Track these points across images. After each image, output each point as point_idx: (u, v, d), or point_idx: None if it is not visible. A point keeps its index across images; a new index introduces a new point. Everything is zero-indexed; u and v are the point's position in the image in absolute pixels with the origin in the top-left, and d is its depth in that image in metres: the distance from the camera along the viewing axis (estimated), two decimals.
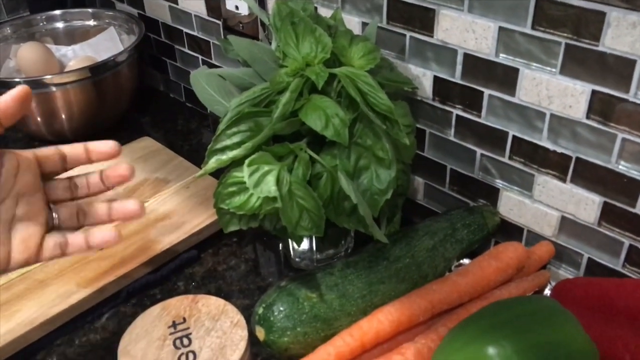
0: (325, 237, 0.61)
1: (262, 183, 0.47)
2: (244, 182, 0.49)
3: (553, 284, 0.56)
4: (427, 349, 0.48)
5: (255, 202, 0.50)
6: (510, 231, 0.61)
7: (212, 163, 0.51)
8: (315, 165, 0.52)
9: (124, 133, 0.88)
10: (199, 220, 0.69)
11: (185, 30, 0.88)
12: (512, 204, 0.60)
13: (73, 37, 0.96)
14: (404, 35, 0.60)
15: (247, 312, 0.53)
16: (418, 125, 0.64)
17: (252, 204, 0.50)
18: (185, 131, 0.91)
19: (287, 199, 0.49)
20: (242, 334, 0.48)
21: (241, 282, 0.65)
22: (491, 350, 0.42)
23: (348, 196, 0.51)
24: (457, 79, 0.58)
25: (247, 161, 0.48)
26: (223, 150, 0.51)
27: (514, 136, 0.57)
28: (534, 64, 0.52)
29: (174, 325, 0.50)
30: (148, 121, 0.94)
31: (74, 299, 0.59)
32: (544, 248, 0.58)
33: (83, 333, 0.60)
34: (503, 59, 0.54)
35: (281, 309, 0.48)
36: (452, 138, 0.62)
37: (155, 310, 0.51)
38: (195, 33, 0.86)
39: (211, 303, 0.51)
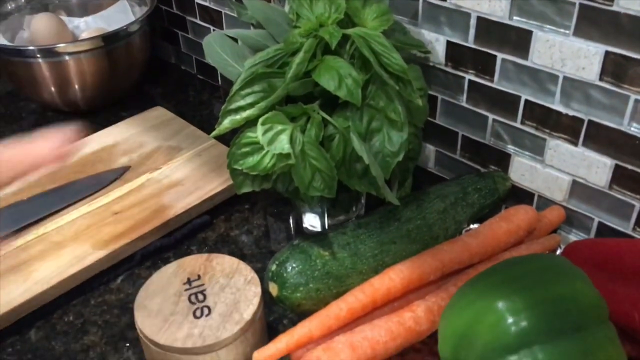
0: (336, 203, 0.62)
1: (275, 141, 0.48)
2: (258, 143, 0.50)
3: (563, 247, 0.57)
4: (438, 307, 0.49)
5: (269, 162, 0.50)
6: (521, 196, 0.62)
7: (226, 123, 0.51)
8: (328, 127, 0.52)
9: (136, 104, 0.89)
10: (212, 186, 0.69)
11: (196, 0, 0.88)
12: (523, 169, 0.61)
13: (86, 8, 0.96)
14: None
15: (260, 275, 0.54)
16: (430, 92, 0.64)
17: (265, 164, 0.50)
18: (197, 102, 0.92)
19: (299, 159, 0.50)
20: (255, 290, 0.49)
21: (253, 247, 0.65)
22: (501, 305, 0.43)
23: (360, 158, 0.51)
24: (470, 43, 0.58)
25: (261, 119, 0.48)
26: (237, 110, 0.51)
27: (526, 100, 0.57)
28: (548, 26, 0.52)
29: (189, 282, 0.51)
30: (160, 93, 0.95)
31: (89, 260, 0.60)
32: (555, 212, 0.58)
33: (98, 294, 0.61)
34: (517, 21, 0.54)
35: (294, 265, 0.48)
36: (464, 104, 0.62)
37: (170, 267, 0.52)
38: (206, 3, 0.86)
39: (225, 261, 0.52)
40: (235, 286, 0.50)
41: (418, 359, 0.51)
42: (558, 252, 0.57)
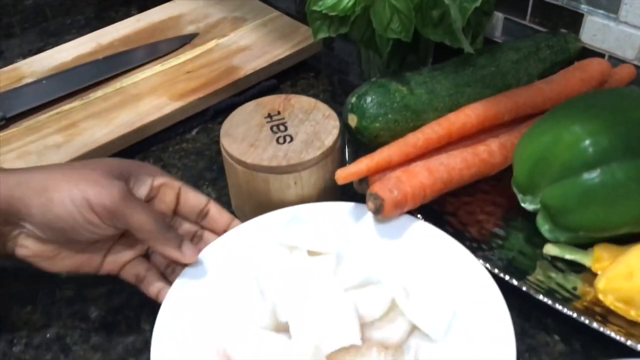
0: (404, 63, 0.62)
1: None
2: None
3: None
4: (511, 144, 0.51)
5: (348, 1, 0.52)
6: (591, 57, 0.62)
7: None
8: None
9: None
10: (279, 52, 0.71)
11: None
12: (595, 29, 0.60)
13: None
14: None
15: None
16: None
17: (344, 3, 0.52)
18: None
19: None
20: (334, 123, 0.51)
21: None
22: (580, 126, 0.44)
23: (436, 5, 0.52)
24: None
25: None
26: None
27: None
28: None
29: (270, 116, 0.53)
30: None
31: (167, 110, 0.63)
32: (625, 70, 0.58)
33: (175, 142, 0.64)
34: None
35: (373, 97, 0.50)
36: None
37: (250, 105, 0.54)
38: None
39: (303, 100, 0.54)
40: (314, 120, 0.52)
41: (487, 200, 0.53)
42: None
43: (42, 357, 0.45)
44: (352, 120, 0.51)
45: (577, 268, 0.47)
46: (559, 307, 0.43)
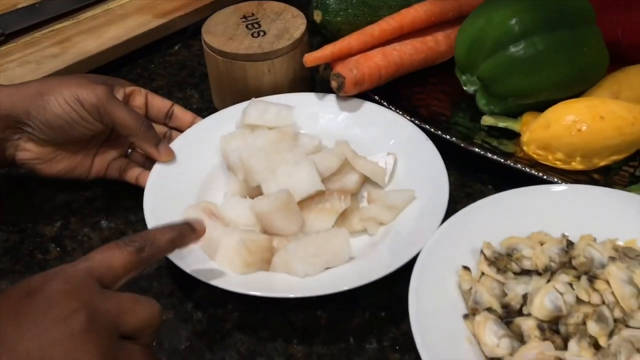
0: None
1: None
2: None
3: None
4: (454, 36, 0.58)
5: None
6: None
7: None
8: None
9: None
10: None
11: None
12: None
13: None
14: None
15: None
16: None
17: None
18: None
19: None
20: (301, 21, 0.59)
21: None
22: (506, 8, 0.52)
23: None
24: None
25: None
26: None
27: None
28: None
29: (245, 17, 0.60)
30: None
31: (152, 25, 0.70)
32: None
33: (160, 56, 0.71)
34: None
35: None
36: None
37: (228, 9, 0.62)
38: None
39: (274, 4, 0.62)
40: (284, 19, 0.59)
41: (436, 89, 0.61)
42: None
43: (53, 218, 0.53)
44: (317, 15, 0.59)
45: (509, 135, 0.55)
46: (489, 155, 0.51)
